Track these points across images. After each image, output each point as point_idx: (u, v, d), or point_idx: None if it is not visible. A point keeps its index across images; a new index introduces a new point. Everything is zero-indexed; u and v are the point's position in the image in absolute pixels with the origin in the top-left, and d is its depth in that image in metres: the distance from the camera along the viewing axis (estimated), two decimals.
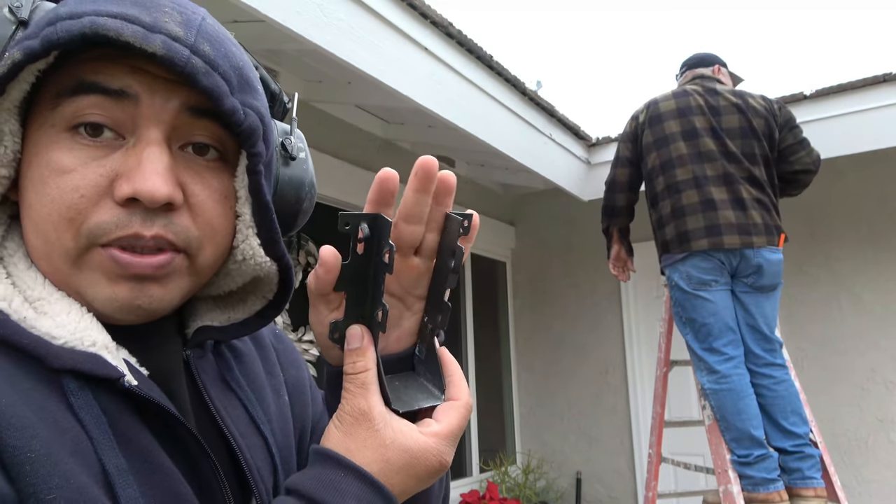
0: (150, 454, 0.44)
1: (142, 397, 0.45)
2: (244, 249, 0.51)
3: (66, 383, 0.42)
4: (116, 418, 0.44)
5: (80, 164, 0.44)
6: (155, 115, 0.45)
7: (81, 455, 0.40)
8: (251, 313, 0.57)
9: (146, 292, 0.46)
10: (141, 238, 0.44)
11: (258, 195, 0.50)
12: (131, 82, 0.44)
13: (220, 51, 0.46)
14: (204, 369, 0.55)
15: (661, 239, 2.60)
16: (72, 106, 0.44)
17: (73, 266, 0.45)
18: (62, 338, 0.43)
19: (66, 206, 0.44)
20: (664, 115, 2.64)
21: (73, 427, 0.41)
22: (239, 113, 0.46)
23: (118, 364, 0.44)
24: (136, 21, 0.42)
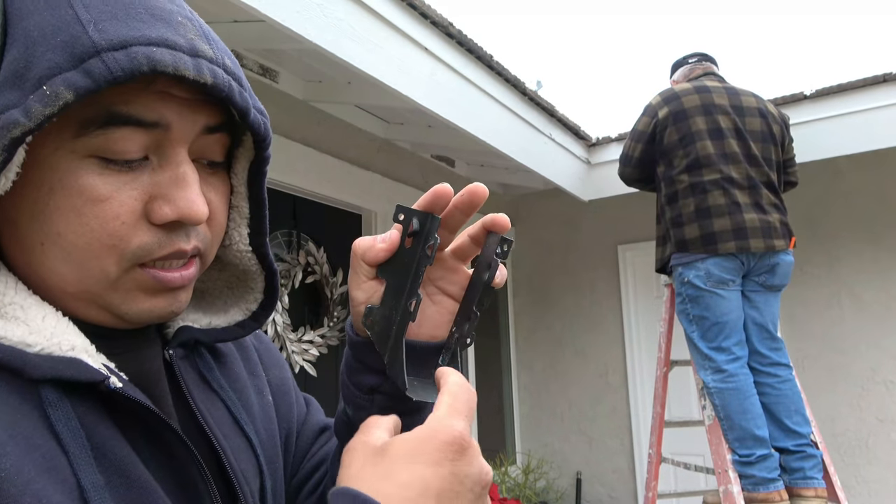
0: (128, 467, 0.43)
1: (123, 402, 0.44)
2: (232, 235, 0.54)
3: (45, 394, 0.41)
4: (93, 429, 0.42)
5: (115, 190, 0.43)
6: (183, 137, 0.46)
7: (55, 472, 0.39)
8: (231, 323, 0.58)
9: (178, 300, 0.48)
10: (184, 253, 0.46)
11: (260, 191, 0.52)
12: (164, 111, 0.44)
13: (232, 59, 0.47)
14: (186, 369, 0.54)
15: (679, 237, 2.54)
16: (101, 137, 0.42)
17: (110, 288, 0.45)
18: (38, 344, 0.42)
19: (108, 235, 0.43)
20: (689, 112, 2.59)
21: (47, 443, 0.40)
22: (261, 125, 0.48)
23: (99, 367, 0.43)
24: (177, 47, 0.42)
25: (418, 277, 0.50)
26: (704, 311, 2.47)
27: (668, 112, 2.63)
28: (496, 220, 0.52)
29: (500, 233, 0.52)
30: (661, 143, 2.64)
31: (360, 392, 0.55)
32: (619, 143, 3.74)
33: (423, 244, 0.50)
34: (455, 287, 0.55)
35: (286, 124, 2.87)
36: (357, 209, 3.38)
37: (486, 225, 0.53)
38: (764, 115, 2.60)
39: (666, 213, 2.63)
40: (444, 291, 0.56)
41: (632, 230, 4.16)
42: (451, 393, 0.45)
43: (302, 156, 2.91)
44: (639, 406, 4.13)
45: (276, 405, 0.64)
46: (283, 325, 3.01)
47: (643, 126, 2.71)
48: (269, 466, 0.57)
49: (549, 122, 3.39)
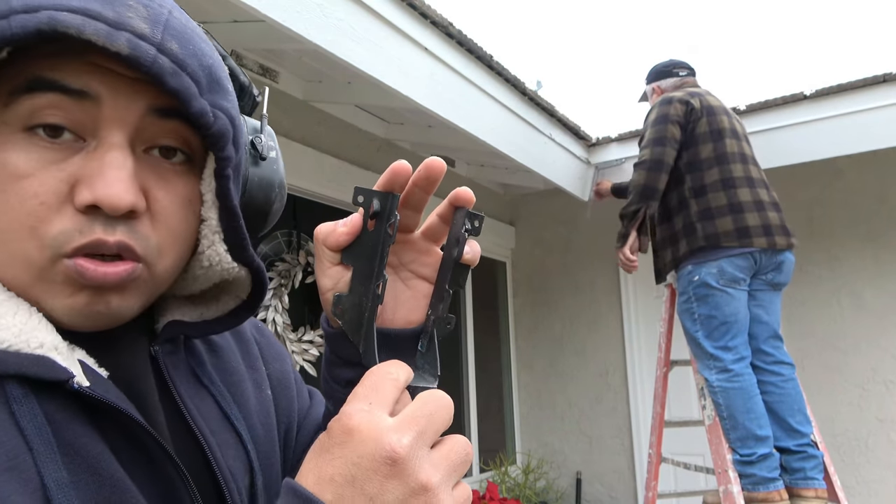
0: (100, 465, 0.41)
1: (96, 401, 0.42)
2: (210, 255, 0.49)
3: (11, 390, 0.40)
4: (63, 426, 0.41)
5: (39, 167, 0.41)
6: (118, 117, 0.43)
7: (17, 470, 0.37)
8: (224, 312, 0.55)
9: (104, 299, 0.44)
10: (104, 244, 0.42)
11: (225, 200, 0.47)
12: (92, 82, 0.41)
13: (188, 49, 0.43)
14: (174, 365, 0.52)
15: (709, 231, 2.48)
16: (27, 104, 0.41)
17: (36, 278, 0.43)
18: (6, 341, 0.41)
19: (27, 214, 0.41)
20: (716, 109, 2.63)
21: (12, 439, 0.38)
22: (208, 115, 0.44)
23: (69, 365, 0.42)
24: (98, 17, 0.39)
25: (383, 258, 0.49)
26: (713, 310, 2.47)
27: (700, 103, 2.62)
28: (460, 194, 0.51)
29: (466, 207, 0.51)
30: (694, 133, 2.59)
31: (338, 386, 0.54)
32: (619, 143, 3.75)
33: (385, 224, 0.48)
34: (428, 269, 0.54)
35: (286, 124, 2.87)
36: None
37: (452, 201, 0.51)
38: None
39: (691, 206, 2.56)
40: (418, 274, 0.54)
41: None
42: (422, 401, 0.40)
43: (302, 156, 2.91)
44: (639, 406, 4.13)
45: (275, 399, 0.62)
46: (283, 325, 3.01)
47: (674, 110, 2.59)
48: (263, 462, 0.56)
49: (549, 122, 3.39)
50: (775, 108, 3.19)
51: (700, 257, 2.52)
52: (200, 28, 0.50)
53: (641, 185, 2.61)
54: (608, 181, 3.37)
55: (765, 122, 3.21)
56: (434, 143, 3.45)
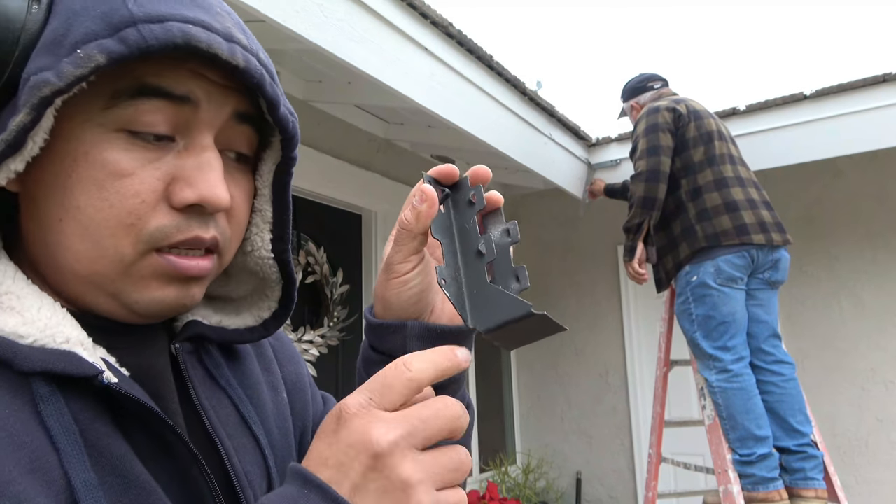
0: (125, 466, 0.41)
1: (121, 399, 0.42)
2: (255, 241, 0.53)
3: (37, 388, 0.39)
4: (89, 426, 0.41)
5: (139, 166, 0.43)
6: (210, 120, 0.45)
7: (42, 471, 0.37)
8: (241, 326, 0.56)
9: (190, 293, 0.47)
10: (201, 241, 0.45)
11: (285, 195, 0.52)
12: (194, 88, 0.44)
13: (266, 54, 0.47)
14: (192, 365, 0.52)
15: (708, 231, 2.51)
16: (131, 109, 0.43)
17: (124, 272, 0.44)
18: (31, 336, 0.40)
19: (127, 212, 0.43)
20: (701, 113, 2.69)
21: (36, 440, 0.38)
22: (289, 120, 0.48)
23: (95, 361, 0.42)
24: (214, 30, 0.42)
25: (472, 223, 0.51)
26: (711, 310, 2.47)
27: (686, 108, 2.68)
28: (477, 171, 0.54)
29: (482, 182, 0.54)
30: (684, 138, 2.63)
31: None
32: (619, 144, 3.75)
33: (465, 195, 0.52)
34: None
35: None
36: (357, 209, 3.38)
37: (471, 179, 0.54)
38: None
39: (688, 209, 2.57)
40: None
41: None
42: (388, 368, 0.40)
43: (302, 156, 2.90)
44: (639, 406, 4.13)
45: (290, 402, 0.62)
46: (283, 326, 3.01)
47: (662, 118, 2.63)
48: (280, 467, 0.55)
49: (549, 122, 3.39)
50: (775, 108, 3.19)
51: (699, 258, 2.52)
52: None
53: (642, 196, 2.61)
54: (602, 181, 3.38)
55: (765, 122, 3.21)
56: (434, 143, 3.45)
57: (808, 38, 19.75)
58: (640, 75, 3.08)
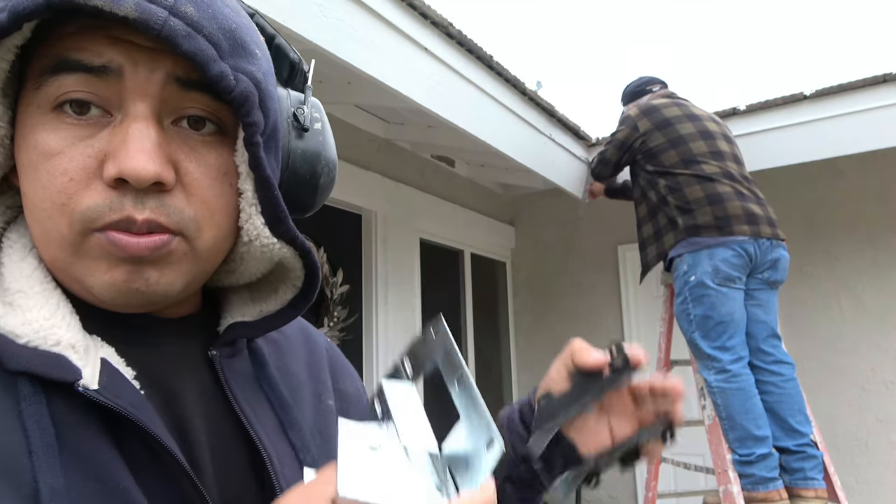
0: (108, 473, 0.39)
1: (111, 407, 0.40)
2: (248, 230, 0.48)
3: (21, 388, 0.39)
4: (71, 430, 0.39)
5: (67, 145, 0.41)
6: (140, 88, 0.42)
7: (12, 474, 0.36)
8: (283, 304, 0.53)
9: (143, 275, 0.43)
10: (133, 222, 0.41)
11: (258, 169, 0.45)
12: (113, 55, 0.41)
13: (206, 12, 0.41)
14: (232, 369, 0.51)
15: (689, 223, 2.56)
16: (54, 85, 0.41)
17: (73, 254, 0.42)
18: (25, 336, 0.40)
19: (57, 191, 0.41)
20: (672, 119, 2.75)
21: (13, 440, 0.37)
22: (228, 78, 0.41)
23: (85, 366, 0.40)
24: None
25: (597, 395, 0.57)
26: (709, 309, 2.47)
27: (649, 123, 2.78)
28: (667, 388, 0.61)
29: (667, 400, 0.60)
30: (648, 148, 2.76)
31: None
32: None
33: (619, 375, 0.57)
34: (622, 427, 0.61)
35: None
36: (357, 209, 3.38)
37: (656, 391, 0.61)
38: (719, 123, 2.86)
39: (669, 202, 2.64)
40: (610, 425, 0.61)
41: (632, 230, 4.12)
42: None
43: None
44: None
45: (348, 414, 0.59)
46: None
47: (623, 137, 2.86)
48: None
49: (549, 123, 3.39)
50: (775, 108, 3.19)
51: (688, 248, 2.54)
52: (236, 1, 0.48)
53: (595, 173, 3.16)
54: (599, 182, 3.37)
55: (765, 122, 3.21)
56: (434, 143, 3.45)
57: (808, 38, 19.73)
58: (640, 79, 3.15)
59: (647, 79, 3.12)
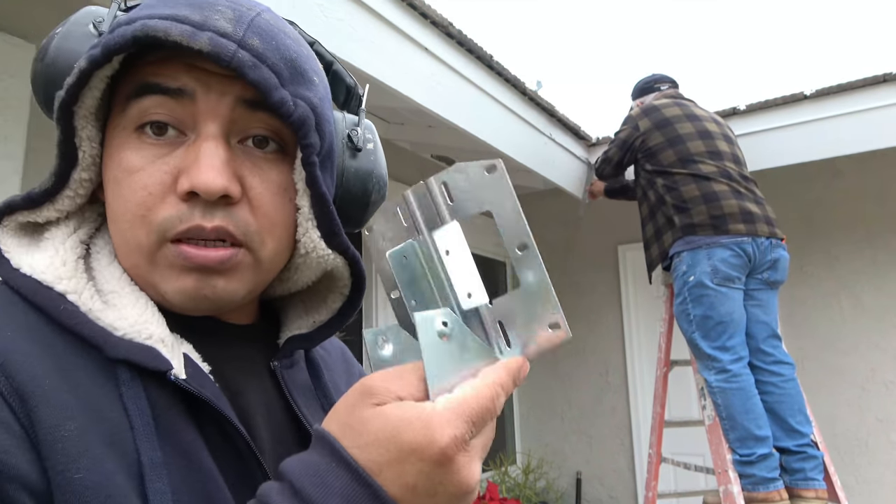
0: (192, 451, 0.45)
1: (194, 392, 0.46)
2: (305, 243, 0.52)
3: (120, 373, 0.44)
4: (163, 411, 0.45)
5: (147, 162, 0.47)
6: (211, 110, 0.47)
7: (118, 445, 0.42)
8: (333, 312, 0.59)
9: (210, 283, 0.48)
10: (202, 230, 0.46)
11: (314, 186, 0.50)
12: (188, 80, 0.47)
13: (270, 43, 0.47)
14: (292, 378, 0.57)
15: (685, 222, 2.58)
16: (136, 107, 0.47)
17: (149, 262, 0.48)
18: (122, 329, 0.46)
19: (137, 204, 0.46)
20: (672, 119, 2.77)
21: (117, 417, 0.43)
22: (288, 104, 0.46)
23: (172, 358, 0.46)
24: (185, 21, 0.44)
25: None
26: (708, 310, 2.48)
27: (649, 123, 2.81)
28: None
29: None
30: (647, 147, 2.79)
31: None
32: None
33: None
34: None
35: None
36: None
37: None
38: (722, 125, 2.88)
39: (666, 201, 2.67)
40: None
41: (632, 230, 4.15)
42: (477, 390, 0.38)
43: None
44: (639, 406, 4.13)
45: None
46: None
47: (625, 136, 2.90)
48: None
49: (549, 122, 3.39)
50: (775, 108, 3.19)
51: (685, 247, 2.55)
52: (295, 31, 0.54)
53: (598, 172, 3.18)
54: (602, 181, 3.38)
55: (765, 122, 3.21)
56: (434, 142, 3.45)
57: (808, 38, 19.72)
58: (650, 76, 3.18)
59: (657, 76, 3.15)
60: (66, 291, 0.46)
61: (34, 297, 0.46)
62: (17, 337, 0.43)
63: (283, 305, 0.62)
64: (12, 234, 0.50)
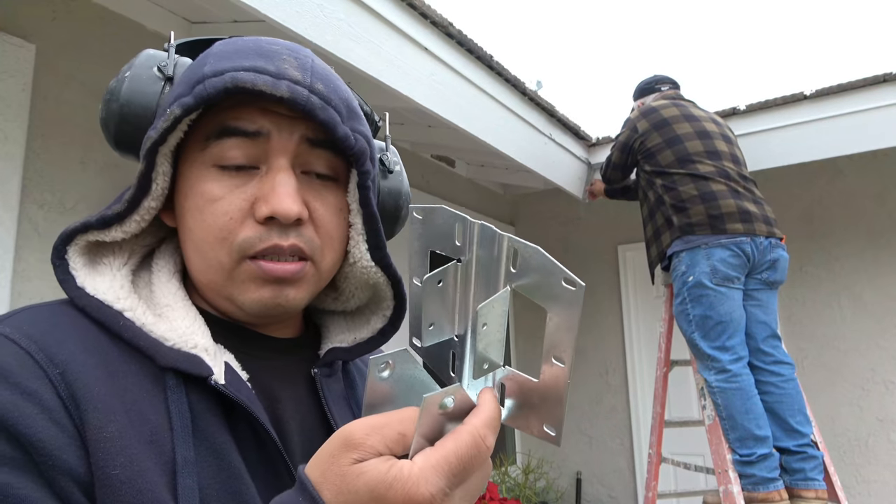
0: (224, 452, 0.50)
1: (230, 398, 0.51)
2: (354, 253, 0.60)
3: (168, 380, 0.50)
4: (201, 414, 0.50)
5: (227, 192, 0.54)
6: (283, 147, 0.55)
7: (157, 444, 0.47)
8: (374, 332, 0.65)
9: (284, 293, 0.55)
10: (280, 249, 0.54)
11: (367, 206, 0.58)
12: (264, 123, 0.54)
13: (330, 87, 0.55)
14: (330, 387, 0.62)
15: (684, 221, 2.59)
16: (217, 147, 0.54)
17: (227, 278, 0.55)
18: (171, 340, 0.52)
19: (219, 228, 0.53)
20: (670, 119, 2.79)
21: (159, 419, 0.48)
22: (350, 139, 0.55)
23: (214, 366, 0.52)
24: (264, 71, 0.52)
25: None
26: (708, 310, 2.48)
27: (647, 124, 2.82)
28: None
29: None
30: (646, 148, 2.80)
31: None
32: None
33: None
34: None
35: None
36: None
37: None
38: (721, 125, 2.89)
39: (665, 201, 2.68)
40: None
41: (632, 230, 4.16)
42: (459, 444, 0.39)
43: None
44: (639, 406, 4.13)
45: None
46: None
47: (624, 138, 2.93)
48: None
49: (549, 123, 3.39)
50: (775, 108, 3.19)
51: (684, 247, 2.55)
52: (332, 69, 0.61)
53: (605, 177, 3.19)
54: (601, 181, 3.38)
55: (765, 122, 3.21)
56: (434, 142, 3.44)
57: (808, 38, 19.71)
58: (651, 77, 3.20)
59: (658, 77, 3.17)
60: (124, 309, 0.53)
61: (97, 314, 0.52)
62: (77, 350, 0.48)
63: (328, 322, 0.68)
64: (79, 252, 0.56)
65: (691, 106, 2.89)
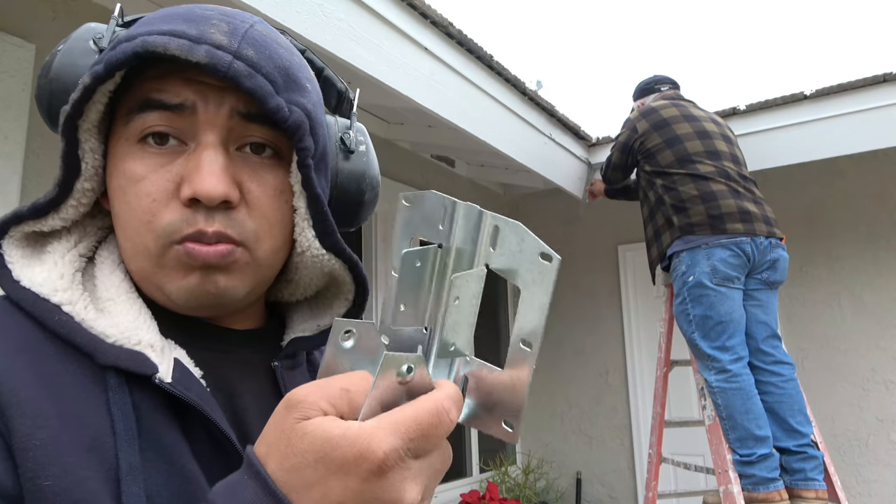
0: (174, 455, 0.46)
1: (180, 397, 0.47)
2: (301, 241, 0.55)
3: (108, 379, 0.46)
4: (146, 415, 0.46)
5: (150, 171, 0.49)
6: (209, 120, 0.49)
7: (98, 450, 0.42)
8: (337, 316, 0.61)
9: (213, 280, 0.50)
10: (204, 234, 0.48)
11: (309, 188, 0.52)
12: (188, 94, 0.49)
13: (263, 53, 0.49)
14: (292, 379, 0.58)
15: (684, 221, 2.59)
16: (139, 121, 0.49)
17: (156, 265, 0.50)
18: (113, 336, 0.47)
19: (142, 211, 0.49)
20: (669, 119, 2.79)
21: (100, 422, 0.44)
22: (283, 110, 0.49)
23: (161, 363, 0.47)
24: (182, 35, 0.46)
25: None
26: (708, 310, 2.48)
27: (647, 124, 2.83)
28: None
29: None
30: (646, 148, 2.80)
31: None
32: None
33: None
34: None
35: None
36: None
37: None
38: (721, 125, 2.89)
39: (665, 201, 2.68)
40: None
41: (632, 230, 4.16)
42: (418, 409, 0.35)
43: None
44: (639, 406, 4.13)
45: None
46: None
47: (624, 139, 2.93)
48: None
49: (549, 123, 3.39)
50: (775, 108, 3.19)
51: (684, 247, 2.55)
52: (287, 40, 0.57)
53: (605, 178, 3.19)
54: (602, 181, 3.39)
55: (765, 122, 3.21)
56: (434, 142, 3.44)
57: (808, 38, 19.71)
58: (651, 77, 3.20)
59: (658, 77, 3.17)
60: (62, 303, 0.48)
61: (31, 309, 0.48)
62: (3, 349, 0.44)
63: (290, 311, 0.64)
64: (17, 244, 0.52)
65: (691, 106, 2.89)
